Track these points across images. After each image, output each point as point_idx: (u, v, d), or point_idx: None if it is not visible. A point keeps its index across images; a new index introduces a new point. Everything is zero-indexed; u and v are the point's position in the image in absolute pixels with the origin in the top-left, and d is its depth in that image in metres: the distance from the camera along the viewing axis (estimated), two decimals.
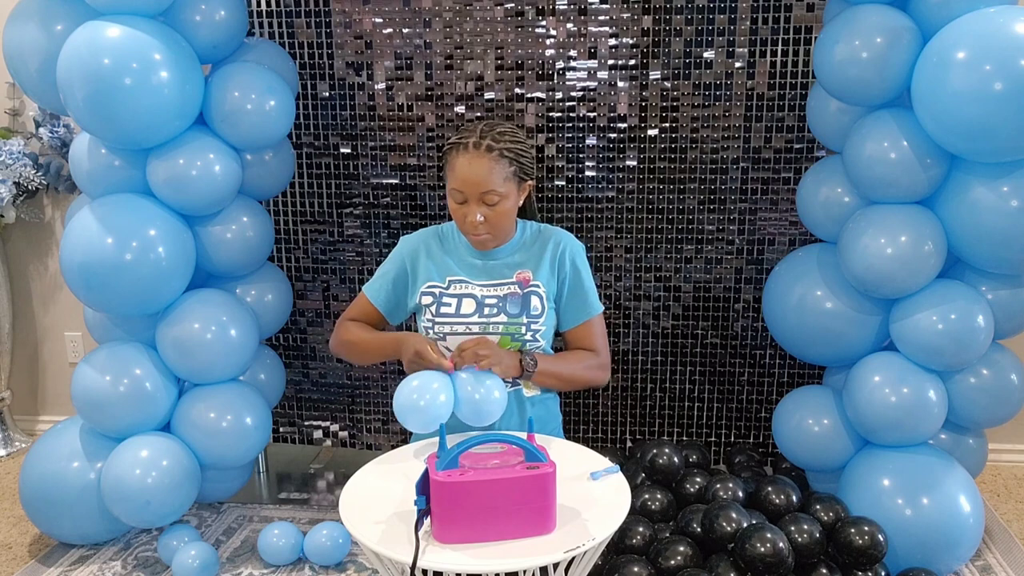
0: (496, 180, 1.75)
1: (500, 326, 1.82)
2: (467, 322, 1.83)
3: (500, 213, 1.78)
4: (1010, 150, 2.00)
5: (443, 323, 1.83)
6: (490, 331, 1.82)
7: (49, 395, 3.52)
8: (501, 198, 1.77)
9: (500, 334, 1.82)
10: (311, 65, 2.82)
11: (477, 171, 1.74)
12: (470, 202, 1.77)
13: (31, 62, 2.38)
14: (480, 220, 1.77)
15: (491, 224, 1.79)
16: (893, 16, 2.11)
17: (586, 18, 2.67)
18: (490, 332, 1.82)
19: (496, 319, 1.83)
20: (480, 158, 1.75)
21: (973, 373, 2.28)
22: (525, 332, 1.82)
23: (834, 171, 2.35)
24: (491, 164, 1.75)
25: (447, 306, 1.85)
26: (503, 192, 1.77)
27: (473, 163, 1.74)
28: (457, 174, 1.76)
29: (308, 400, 3.10)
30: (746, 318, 2.84)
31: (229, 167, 2.44)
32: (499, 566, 1.33)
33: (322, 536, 2.47)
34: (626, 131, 2.74)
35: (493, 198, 1.76)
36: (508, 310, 1.83)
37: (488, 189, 1.75)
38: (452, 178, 1.78)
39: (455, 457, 1.42)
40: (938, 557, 2.20)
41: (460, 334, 1.82)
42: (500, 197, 1.77)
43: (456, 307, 1.84)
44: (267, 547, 2.50)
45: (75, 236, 2.34)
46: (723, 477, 2.35)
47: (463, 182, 1.76)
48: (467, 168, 1.75)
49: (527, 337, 1.83)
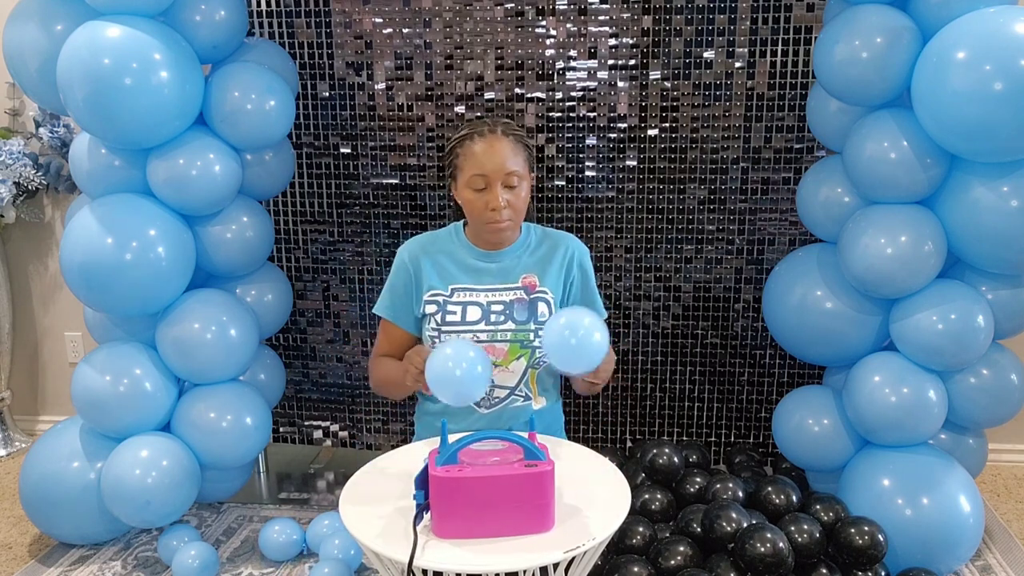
0: (518, 160, 1.79)
1: (508, 333, 1.80)
2: (473, 330, 1.81)
3: (521, 198, 1.80)
4: (1010, 150, 2.00)
5: (449, 331, 1.81)
6: (498, 339, 1.81)
7: (49, 395, 3.52)
8: (521, 179, 1.79)
9: (509, 342, 1.81)
10: (311, 65, 2.82)
11: (500, 151, 1.77)
12: (492, 186, 1.77)
13: (31, 62, 2.38)
14: (504, 204, 1.77)
15: (513, 209, 1.79)
16: (893, 16, 2.11)
17: (586, 18, 2.68)
18: (498, 340, 1.81)
19: (503, 326, 1.81)
20: (501, 140, 1.78)
21: (973, 373, 2.28)
22: (534, 339, 1.81)
23: (834, 171, 2.36)
24: (512, 145, 1.79)
25: (452, 314, 1.83)
26: (522, 174, 1.79)
27: (494, 145, 1.77)
28: (478, 159, 1.77)
29: (308, 400, 3.10)
30: (746, 318, 2.84)
31: (229, 167, 2.44)
32: (499, 566, 1.33)
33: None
34: (626, 131, 2.74)
35: (515, 179, 1.78)
36: (515, 317, 1.82)
37: (511, 170, 1.77)
38: (472, 165, 1.78)
39: (454, 453, 1.42)
40: (938, 557, 2.20)
41: None
42: (520, 179, 1.79)
43: (461, 315, 1.82)
44: (268, 543, 2.50)
45: (75, 236, 2.34)
46: (723, 477, 2.35)
47: (486, 164, 1.76)
48: (489, 150, 1.77)
49: (535, 344, 1.81)
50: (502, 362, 1.82)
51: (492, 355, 1.81)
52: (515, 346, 1.81)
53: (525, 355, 1.81)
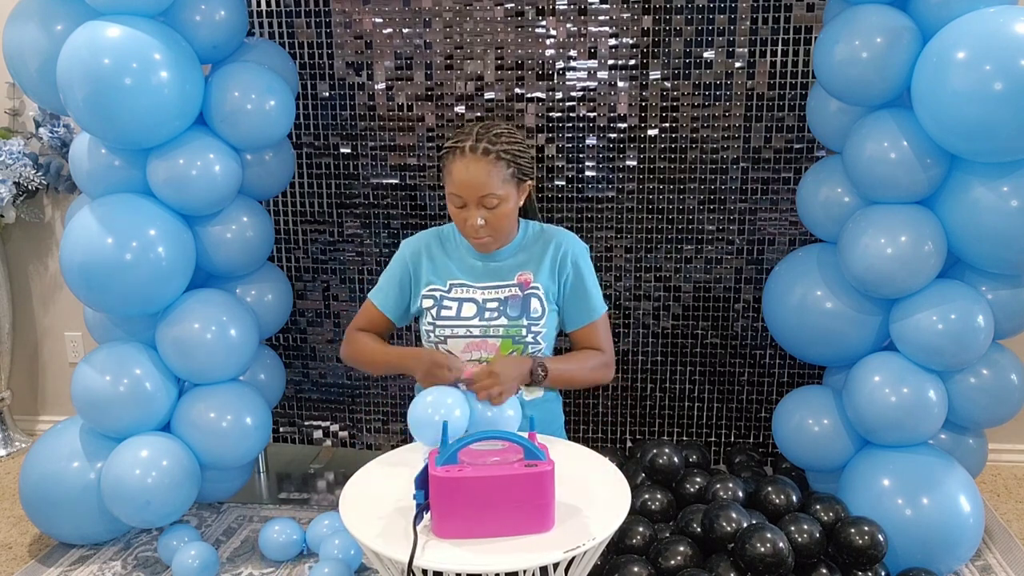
0: (494, 183, 1.74)
1: (501, 329, 1.82)
2: (468, 325, 1.83)
3: (500, 215, 1.77)
4: (1010, 150, 2.00)
5: (444, 326, 1.83)
6: (491, 334, 1.82)
7: (49, 395, 3.52)
8: (500, 200, 1.76)
9: (501, 337, 1.82)
10: (311, 65, 2.82)
11: (475, 175, 1.73)
12: (469, 206, 1.76)
13: (31, 62, 2.38)
14: (480, 224, 1.76)
15: (492, 227, 1.78)
16: (893, 16, 2.11)
17: (586, 18, 2.67)
18: (491, 336, 1.82)
19: (496, 322, 1.82)
20: (477, 162, 1.73)
21: (973, 373, 2.28)
22: (526, 335, 1.82)
23: (834, 171, 2.35)
24: (488, 167, 1.73)
25: (448, 309, 1.84)
26: (502, 195, 1.75)
27: (470, 167, 1.73)
28: (455, 179, 1.75)
29: (308, 400, 3.10)
30: (746, 318, 2.84)
31: (229, 167, 2.44)
32: (499, 566, 1.33)
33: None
34: (626, 131, 2.74)
35: (492, 201, 1.75)
36: (508, 313, 1.83)
37: (486, 193, 1.74)
38: (450, 183, 1.77)
39: (454, 453, 1.42)
40: (938, 557, 2.20)
41: (461, 337, 1.82)
42: (499, 200, 1.75)
43: (457, 310, 1.84)
44: (268, 543, 2.50)
45: (75, 236, 2.34)
46: (723, 477, 2.35)
47: (461, 187, 1.74)
48: (464, 173, 1.73)
49: (528, 339, 1.82)
50: (493, 359, 1.83)
51: (484, 351, 1.83)
52: (507, 341, 1.82)
53: (518, 351, 1.82)
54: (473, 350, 1.83)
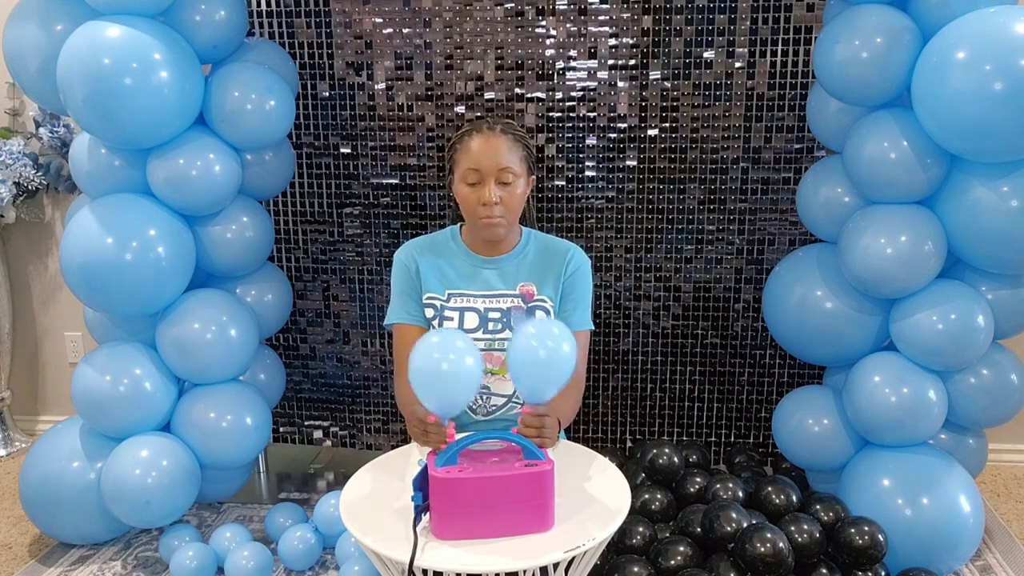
0: (513, 158, 1.79)
1: (505, 342, 1.79)
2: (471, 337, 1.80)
3: (513, 195, 1.80)
4: (1010, 150, 2.00)
5: None
6: (495, 347, 1.82)
7: (49, 395, 3.52)
8: (516, 177, 1.79)
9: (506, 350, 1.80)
10: (311, 65, 2.82)
11: (495, 147, 1.77)
12: (485, 181, 1.77)
13: (31, 62, 2.38)
14: (496, 200, 1.77)
15: (506, 206, 1.79)
16: (893, 16, 2.11)
17: (586, 18, 2.67)
18: (495, 348, 1.82)
19: (501, 335, 1.82)
20: (497, 137, 1.79)
21: (973, 373, 2.28)
22: None
23: (834, 171, 2.35)
24: (508, 143, 1.79)
25: (449, 320, 1.83)
26: (518, 172, 1.79)
27: (490, 140, 1.78)
28: (473, 154, 1.78)
29: (308, 400, 3.10)
30: (746, 318, 2.84)
31: (229, 167, 2.44)
32: (499, 566, 1.33)
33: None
34: (626, 131, 2.74)
35: (508, 176, 1.78)
36: (513, 325, 1.82)
37: (505, 166, 1.77)
38: (467, 160, 1.79)
39: (454, 454, 1.42)
40: (938, 557, 2.20)
41: None
42: (515, 176, 1.79)
43: (459, 321, 1.83)
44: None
45: (75, 236, 2.34)
46: (723, 477, 2.35)
47: (481, 157, 1.77)
48: (484, 145, 1.78)
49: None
50: (499, 371, 1.82)
51: (489, 363, 1.82)
52: None
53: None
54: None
